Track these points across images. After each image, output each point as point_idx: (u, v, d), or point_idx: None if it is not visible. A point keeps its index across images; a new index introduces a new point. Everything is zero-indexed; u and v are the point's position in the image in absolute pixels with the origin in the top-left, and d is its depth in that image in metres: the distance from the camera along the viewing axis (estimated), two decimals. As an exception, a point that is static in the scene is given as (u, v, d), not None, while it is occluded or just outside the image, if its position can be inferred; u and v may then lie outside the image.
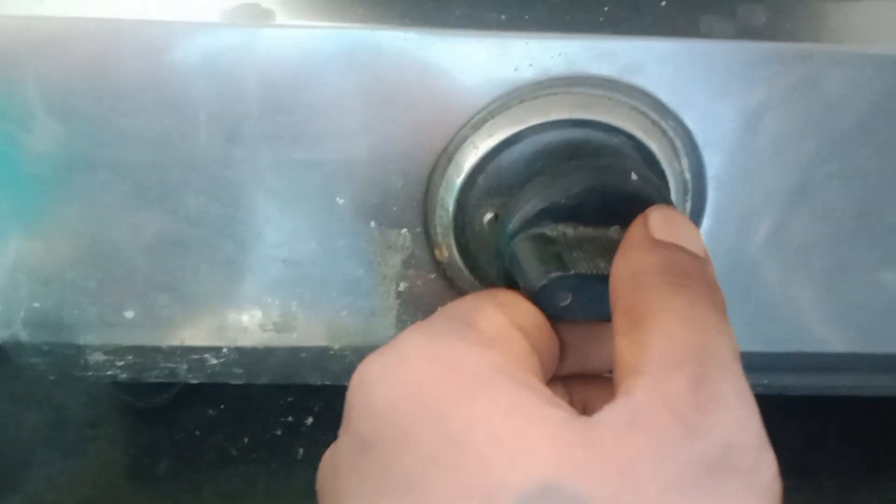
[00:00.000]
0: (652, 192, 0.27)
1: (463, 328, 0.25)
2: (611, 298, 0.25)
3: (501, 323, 0.25)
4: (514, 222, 0.27)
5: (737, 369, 0.22)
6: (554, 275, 0.26)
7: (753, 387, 0.38)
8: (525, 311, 0.26)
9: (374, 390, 0.23)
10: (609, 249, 0.26)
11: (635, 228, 0.25)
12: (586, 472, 0.20)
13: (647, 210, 0.25)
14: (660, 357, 0.22)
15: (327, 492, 0.25)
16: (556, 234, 0.27)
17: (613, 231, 0.27)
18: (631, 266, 0.24)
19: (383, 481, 0.22)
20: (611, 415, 0.21)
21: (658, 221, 0.25)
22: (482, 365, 0.23)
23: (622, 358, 0.23)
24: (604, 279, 0.25)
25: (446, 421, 0.22)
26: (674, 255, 0.24)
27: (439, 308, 0.27)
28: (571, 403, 0.28)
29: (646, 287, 0.24)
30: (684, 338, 0.22)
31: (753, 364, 0.36)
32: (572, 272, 0.26)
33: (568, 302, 0.27)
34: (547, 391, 0.23)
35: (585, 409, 0.28)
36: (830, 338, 0.35)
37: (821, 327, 0.35)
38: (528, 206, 0.27)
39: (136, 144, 0.29)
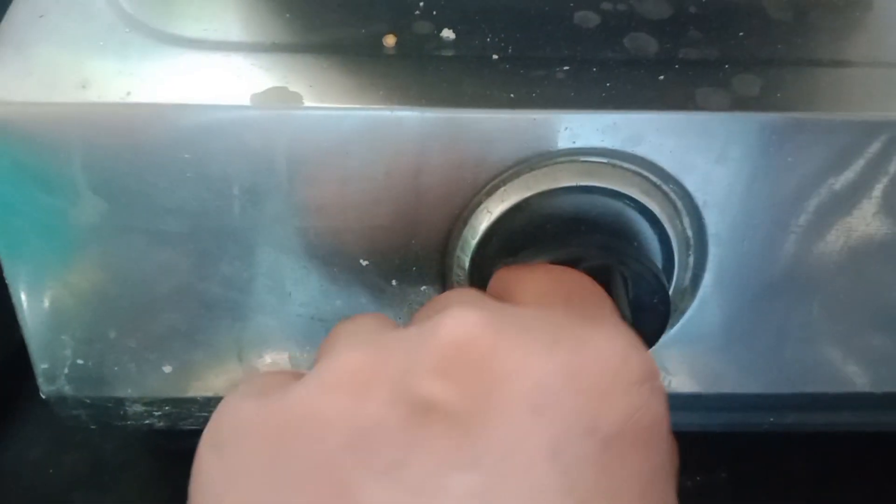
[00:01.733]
0: None
1: None
2: None
3: None
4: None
5: None
6: None
7: (758, 425, 0.39)
8: None
9: None
10: None
11: None
12: None
13: None
14: None
15: None
16: None
17: None
18: None
19: None
20: None
21: None
22: None
23: None
24: None
25: None
26: None
27: None
28: None
29: None
30: None
31: (758, 404, 0.38)
32: None
33: None
34: None
35: None
36: (830, 378, 0.37)
37: (820, 369, 0.37)
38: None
39: (174, 216, 0.31)
